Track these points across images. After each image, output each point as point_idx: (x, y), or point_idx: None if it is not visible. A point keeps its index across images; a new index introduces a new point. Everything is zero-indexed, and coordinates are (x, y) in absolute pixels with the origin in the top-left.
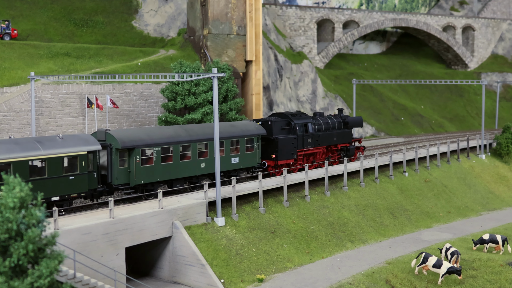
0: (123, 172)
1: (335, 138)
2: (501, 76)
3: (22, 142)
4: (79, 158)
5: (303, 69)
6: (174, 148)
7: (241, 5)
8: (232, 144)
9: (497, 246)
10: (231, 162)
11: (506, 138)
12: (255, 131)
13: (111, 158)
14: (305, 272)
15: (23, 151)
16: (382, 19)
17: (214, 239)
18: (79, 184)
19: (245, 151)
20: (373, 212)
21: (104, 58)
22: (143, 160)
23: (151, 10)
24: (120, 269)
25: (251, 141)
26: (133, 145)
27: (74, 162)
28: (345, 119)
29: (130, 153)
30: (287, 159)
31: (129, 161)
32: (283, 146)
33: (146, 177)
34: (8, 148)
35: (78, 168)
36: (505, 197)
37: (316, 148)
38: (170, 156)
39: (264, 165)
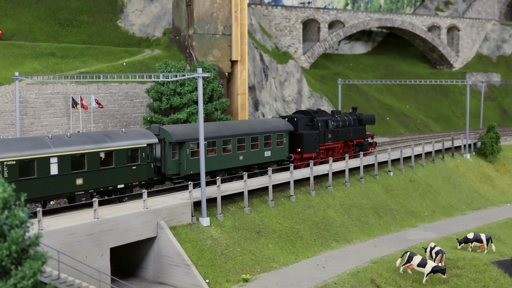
0: (174, 163)
1: (351, 134)
2: (485, 76)
3: (93, 136)
4: (140, 150)
5: (288, 69)
6: (218, 142)
7: (226, 5)
8: (265, 139)
9: (482, 245)
10: (264, 155)
11: (491, 138)
12: (284, 127)
13: (164, 150)
14: (290, 271)
15: (95, 143)
16: (368, 19)
17: (199, 239)
18: (140, 173)
19: (276, 145)
20: (358, 211)
21: (89, 58)
22: (192, 152)
23: (137, 10)
24: (104, 270)
25: (281, 136)
26: (184, 139)
27: (135, 154)
28: (359, 117)
29: (181, 146)
30: (311, 152)
31: (180, 154)
32: (307, 141)
33: (194, 168)
34: (83, 141)
35: (139, 159)
36: (489, 196)
37: (335, 143)
38: (214, 149)
39: (291, 158)
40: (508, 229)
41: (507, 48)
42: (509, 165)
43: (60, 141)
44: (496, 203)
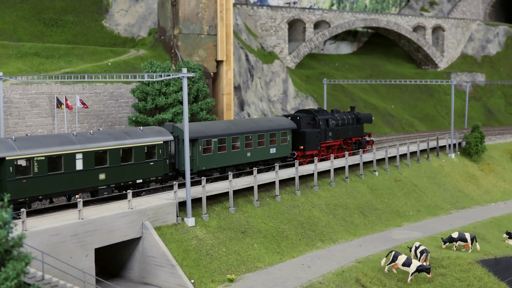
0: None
1: (350, 132)
2: (470, 76)
3: (114, 133)
4: (157, 147)
5: (274, 69)
6: (227, 139)
7: (212, 5)
8: (270, 137)
9: (466, 244)
10: (270, 152)
11: (475, 137)
12: (288, 125)
13: (178, 147)
14: (276, 271)
15: (116, 140)
16: (353, 19)
17: (184, 240)
18: (157, 169)
19: (281, 143)
20: (343, 211)
21: (74, 58)
22: (204, 149)
23: (122, 9)
24: (89, 271)
25: (285, 134)
26: (197, 136)
27: (153, 150)
28: (357, 116)
29: (194, 143)
30: (313, 150)
31: (193, 150)
32: (309, 139)
33: (206, 164)
34: (105, 138)
35: (156, 155)
36: (474, 195)
37: (336, 140)
38: (224, 146)
39: (294, 155)
40: (492, 228)
41: (492, 48)
42: (494, 165)
43: (84, 138)
44: (481, 202)
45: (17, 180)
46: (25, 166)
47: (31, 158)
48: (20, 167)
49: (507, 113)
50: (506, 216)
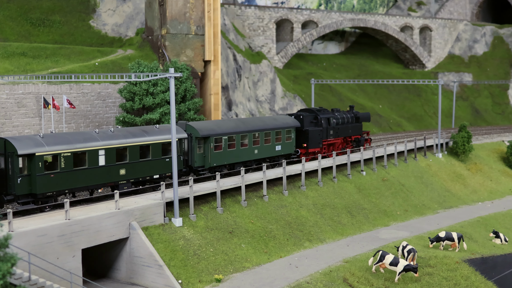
0: (200, 156)
1: (350, 130)
2: (457, 76)
3: (132, 131)
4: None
5: (262, 69)
6: (236, 137)
7: (199, 5)
8: (276, 135)
9: (453, 244)
10: (276, 149)
11: (462, 137)
12: (292, 123)
13: (191, 145)
14: (263, 271)
15: (135, 137)
16: (341, 19)
17: (172, 240)
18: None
19: (285, 140)
20: (331, 211)
21: (61, 58)
22: (215, 146)
23: (109, 9)
24: (76, 271)
25: (290, 132)
26: (209, 134)
27: (168, 147)
28: (356, 115)
29: (205, 141)
30: (315, 147)
31: (205, 148)
32: (312, 137)
33: (217, 161)
34: (124, 135)
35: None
36: (461, 195)
37: (336, 138)
38: (233, 144)
39: (298, 153)
40: (479, 227)
41: (479, 48)
42: (481, 164)
43: (105, 135)
44: (468, 202)
45: (46, 175)
46: (52, 161)
47: (58, 154)
48: (48, 163)
49: (494, 113)
50: (493, 215)
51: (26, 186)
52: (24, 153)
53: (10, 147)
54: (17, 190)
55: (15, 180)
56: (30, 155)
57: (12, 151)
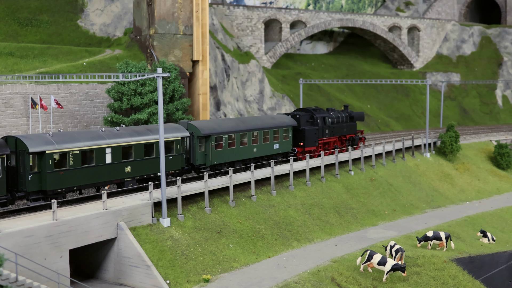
0: (201, 154)
1: (344, 129)
2: (445, 76)
3: (137, 129)
4: (175, 143)
5: (250, 69)
6: (236, 136)
7: (187, 4)
8: (274, 133)
9: (441, 243)
10: (273, 148)
11: (450, 137)
12: (289, 122)
13: (193, 143)
14: (251, 271)
15: (140, 135)
16: (329, 19)
17: (160, 240)
18: (175, 163)
19: (283, 139)
20: (319, 211)
21: (49, 58)
22: (216, 145)
23: (97, 9)
24: (63, 272)
25: (287, 131)
26: (210, 133)
27: (171, 146)
28: (350, 114)
29: (207, 140)
30: (311, 146)
31: (206, 146)
32: (308, 136)
33: (218, 159)
34: (129, 134)
35: (175, 150)
36: (449, 194)
37: (332, 137)
38: (233, 142)
39: (294, 151)
40: (467, 227)
41: (467, 48)
42: (468, 164)
43: (112, 133)
44: (456, 201)
45: (55, 172)
46: (62, 159)
47: (67, 152)
48: (58, 160)
49: (481, 113)
50: (481, 214)
51: (37, 183)
52: (35, 151)
53: (21, 145)
54: (28, 187)
55: (26, 177)
56: (41, 153)
57: (23, 149)
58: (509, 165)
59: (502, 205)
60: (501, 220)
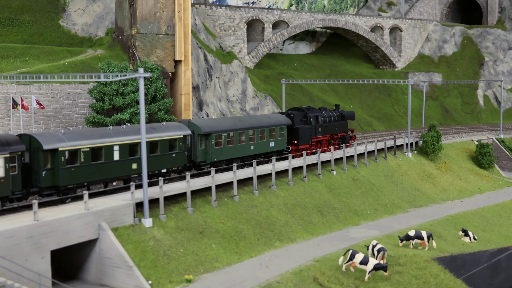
0: (202, 152)
1: (336, 128)
2: (427, 75)
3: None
4: (178, 140)
5: (233, 69)
6: (235, 134)
7: (169, 4)
8: (270, 132)
9: (423, 242)
10: (269, 145)
11: (432, 137)
12: (284, 121)
13: (194, 141)
14: (234, 271)
15: (146, 133)
16: (312, 20)
17: (142, 241)
18: (178, 160)
19: (278, 137)
20: (301, 210)
21: (30, 58)
22: (215, 143)
23: (79, 9)
24: (45, 273)
25: (282, 129)
26: (210, 131)
27: (174, 144)
28: (342, 113)
29: (207, 138)
30: (305, 144)
31: (206, 144)
32: (302, 134)
33: (218, 156)
34: (135, 132)
35: (177, 148)
36: (430, 194)
37: (324, 136)
38: (232, 140)
39: (289, 149)
40: (448, 226)
41: (448, 48)
42: (450, 163)
43: (119, 132)
44: (437, 200)
45: (67, 169)
46: (73, 156)
47: (78, 149)
48: (70, 157)
49: (463, 113)
50: (462, 214)
51: (50, 179)
52: (48, 148)
53: (35, 142)
54: (41, 183)
55: (40, 173)
56: (54, 150)
57: (38, 146)
58: (490, 164)
59: (484, 204)
60: (483, 219)
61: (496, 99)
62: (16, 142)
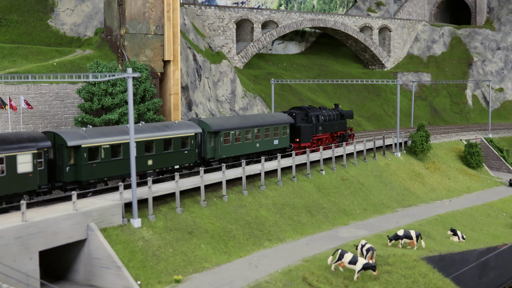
0: (211, 149)
1: (336, 126)
2: (416, 75)
3: (157, 126)
4: (189, 138)
5: (222, 69)
6: (242, 132)
7: (158, 4)
8: (274, 130)
9: (411, 242)
10: (274, 143)
11: (421, 136)
12: (287, 120)
13: (204, 138)
14: (223, 271)
15: (160, 131)
16: (301, 20)
17: (131, 241)
18: (189, 157)
19: (282, 135)
20: (290, 210)
21: (18, 58)
22: (224, 140)
23: (68, 9)
24: (33, 274)
25: (285, 128)
26: (219, 129)
27: (186, 141)
28: (341, 112)
29: (216, 135)
30: (306, 142)
31: (215, 141)
32: (304, 132)
33: (226, 153)
34: (151, 129)
35: (189, 145)
36: (419, 193)
37: (324, 134)
38: (239, 138)
39: (291, 147)
40: (437, 225)
41: (437, 48)
42: (439, 163)
43: (136, 129)
44: (426, 200)
45: (89, 164)
46: (94, 152)
47: (99, 146)
48: (91, 154)
49: (452, 112)
50: (451, 213)
51: (73, 174)
52: (72, 144)
53: (59, 139)
54: (65, 178)
55: (64, 169)
56: (77, 147)
57: (62, 143)
58: (479, 164)
59: (472, 203)
60: (471, 218)
61: (484, 99)
62: (43, 139)
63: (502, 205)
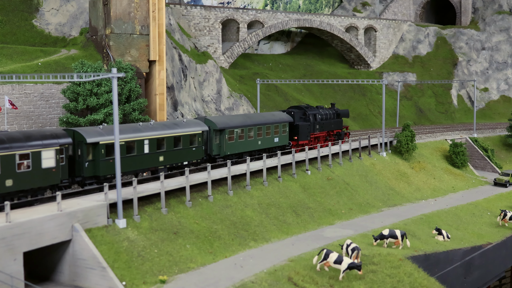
0: (216, 146)
1: (332, 125)
2: (402, 75)
3: (167, 124)
4: (197, 135)
5: (208, 69)
6: (245, 130)
7: (144, 4)
8: (275, 128)
9: (397, 241)
10: (274, 141)
11: (406, 136)
12: (286, 119)
13: (209, 136)
14: (208, 272)
15: (170, 129)
16: (287, 20)
17: (115, 241)
18: (197, 153)
19: (282, 133)
20: (276, 210)
21: (3, 58)
22: (229, 137)
23: (53, 8)
24: (17, 275)
25: (285, 126)
26: (224, 127)
27: (194, 138)
28: (337, 111)
29: (221, 133)
30: (304, 140)
31: (220, 138)
32: (302, 130)
33: (231, 150)
34: (161, 127)
35: (197, 142)
36: (405, 193)
37: (321, 132)
38: (242, 135)
39: (289, 144)
40: (422, 225)
41: (422, 48)
42: (424, 163)
43: (148, 127)
44: (411, 199)
45: (106, 160)
46: (111, 149)
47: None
48: (108, 150)
49: (437, 112)
50: (436, 213)
51: (92, 169)
52: (91, 141)
53: (79, 136)
54: (85, 173)
55: (83, 164)
56: (95, 144)
57: (81, 140)
58: (464, 163)
59: (457, 203)
60: (456, 218)
61: (469, 99)
62: (64, 135)
63: (487, 205)
